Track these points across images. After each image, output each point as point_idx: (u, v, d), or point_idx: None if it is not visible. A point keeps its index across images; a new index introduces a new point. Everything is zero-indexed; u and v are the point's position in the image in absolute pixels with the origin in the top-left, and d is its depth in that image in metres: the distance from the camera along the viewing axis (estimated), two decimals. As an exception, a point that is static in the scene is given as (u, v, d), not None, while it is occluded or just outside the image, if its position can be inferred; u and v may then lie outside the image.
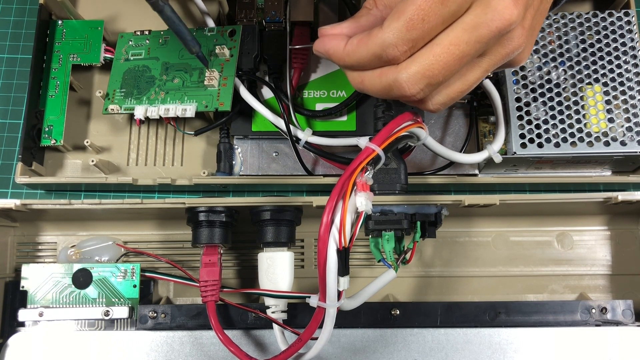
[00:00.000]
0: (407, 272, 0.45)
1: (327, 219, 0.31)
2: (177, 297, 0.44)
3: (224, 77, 0.42)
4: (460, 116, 0.46)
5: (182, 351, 0.38)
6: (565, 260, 0.45)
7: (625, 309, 0.39)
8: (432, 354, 0.38)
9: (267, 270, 0.39)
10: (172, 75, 0.43)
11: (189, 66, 0.43)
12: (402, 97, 0.31)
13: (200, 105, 0.41)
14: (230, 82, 0.42)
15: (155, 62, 0.44)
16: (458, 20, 0.29)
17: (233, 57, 0.43)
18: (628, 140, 0.40)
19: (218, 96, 0.41)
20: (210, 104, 0.41)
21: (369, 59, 0.31)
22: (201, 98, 0.42)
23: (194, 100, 0.42)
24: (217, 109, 0.41)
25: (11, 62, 0.51)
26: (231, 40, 0.43)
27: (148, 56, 0.44)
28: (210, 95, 0.42)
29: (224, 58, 0.43)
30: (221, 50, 0.42)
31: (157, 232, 0.45)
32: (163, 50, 0.44)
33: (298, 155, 0.43)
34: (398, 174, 0.39)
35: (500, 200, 0.39)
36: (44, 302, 0.40)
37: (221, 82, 0.42)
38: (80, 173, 0.46)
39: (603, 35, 0.43)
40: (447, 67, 0.30)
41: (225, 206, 0.39)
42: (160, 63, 0.44)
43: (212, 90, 0.42)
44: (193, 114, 0.41)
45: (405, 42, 0.29)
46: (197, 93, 0.42)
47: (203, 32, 0.44)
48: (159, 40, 0.45)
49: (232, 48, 0.43)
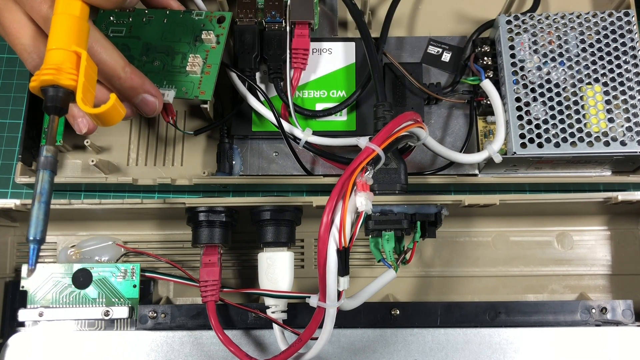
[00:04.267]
0: (407, 272, 0.45)
1: (327, 219, 0.31)
2: (177, 297, 0.44)
3: (208, 65, 0.40)
4: (460, 116, 0.46)
5: (182, 351, 0.38)
6: (565, 260, 0.45)
7: (625, 309, 0.39)
8: (432, 354, 0.38)
9: (267, 270, 0.39)
10: (152, 57, 0.41)
11: (171, 49, 0.41)
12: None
13: (179, 92, 0.39)
14: (214, 71, 0.40)
15: (136, 41, 0.41)
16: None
17: (220, 44, 0.40)
18: (628, 140, 0.40)
19: (200, 84, 0.40)
20: (191, 92, 0.39)
21: None
22: (181, 84, 0.40)
23: (174, 86, 0.40)
24: (197, 97, 0.39)
25: (11, 62, 0.51)
26: (219, 27, 0.41)
27: (129, 34, 0.42)
28: (191, 82, 0.40)
29: (210, 45, 0.41)
30: (207, 36, 0.40)
31: (157, 232, 0.45)
32: (145, 30, 0.41)
33: (294, 153, 0.43)
34: (398, 174, 0.39)
35: (500, 200, 0.39)
36: (44, 302, 0.39)
37: (204, 69, 0.40)
38: (80, 173, 0.46)
39: (603, 35, 0.42)
40: None
41: (225, 206, 0.39)
42: (142, 43, 0.41)
43: (193, 77, 0.40)
44: (171, 100, 0.39)
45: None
46: (178, 78, 0.40)
47: (190, 15, 0.42)
48: (143, 19, 0.42)
49: (220, 35, 0.41)
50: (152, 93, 0.36)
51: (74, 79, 0.28)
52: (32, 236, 0.27)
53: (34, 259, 0.27)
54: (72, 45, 0.29)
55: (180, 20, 0.41)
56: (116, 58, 0.33)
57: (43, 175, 0.28)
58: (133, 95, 0.35)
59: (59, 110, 0.28)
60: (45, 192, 0.27)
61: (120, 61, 0.34)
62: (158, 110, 0.37)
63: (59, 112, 0.28)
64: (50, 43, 0.29)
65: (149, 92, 0.36)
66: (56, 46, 0.28)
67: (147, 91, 0.36)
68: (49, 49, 0.28)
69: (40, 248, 0.27)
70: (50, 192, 0.28)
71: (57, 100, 0.28)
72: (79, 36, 0.29)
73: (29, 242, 0.27)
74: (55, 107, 0.28)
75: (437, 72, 0.47)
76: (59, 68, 0.28)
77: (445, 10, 0.50)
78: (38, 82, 0.28)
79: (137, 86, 0.35)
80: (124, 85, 0.34)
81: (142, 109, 0.36)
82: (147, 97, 0.36)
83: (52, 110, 0.28)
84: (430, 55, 0.47)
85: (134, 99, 0.36)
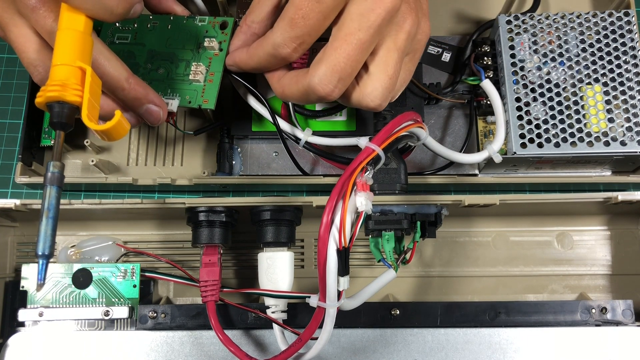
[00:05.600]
0: (407, 272, 0.45)
1: (327, 219, 0.31)
2: (177, 297, 0.45)
3: (211, 73, 0.39)
4: (460, 116, 0.46)
5: (182, 351, 0.38)
6: (565, 260, 0.45)
7: (625, 309, 0.39)
8: (432, 354, 0.38)
9: (267, 270, 0.39)
10: (157, 65, 0.40)
11: (175, 56, 0.40)
12: (321, 99, 0.34)
13: (183, 100, 0.39)
14: (217, 79, 0.39)
15: (141, 48, 0.41)
16: (344, 13, 0.32)
17: (222, 51, 0.40)
18: (628, 140, 0.40)
19: (203, 92, 0.39)
20: (194, 100, 0.39)
21: (266, 59, 0.35)
22: (185, 92, 0.39)
23: (178, 94, 0.39)
24: (201, 106, 0.39)
25: (11, 62, 0.51)
26: (222, 33, 0.40)
27: (134, 41, 0.41)
28: (194, 91, 0.39)
29: (213, 52, 0.40)
30: (210, 44, 0.39)
31: (157, 232, 0.45)
32: (150, 36, 0.41)
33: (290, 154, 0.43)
34: (398, 174, 0.39)
35: (500, 200, 0.39)
36: (44, 302, 0.40)
37: (207, 77, 0.39)
38: (80, 173, 0.46)
39: (603, 35, 0.42)
40: (351, 57, 0.32)
41: (225, 206, 0.39)
42: (146, 50, 0.40)
43: (197, 86, 0.39)
44: (175, 109, 0.39)
45: (292, 39, 0.33)
46: (182, 87, 0.39)
47: (194, 21, 0.41)
48: (147, 25, 0.41)
49: (222, 42, 0.40)
50: (156, 103, 0.36)
51: (79, 94, 0.28)
52: (40, 251, 0.27)
53: (43, 274, 0.28)
54: (77, 61, 0.29)
55: (183, 26, 0.41)
56: (119, 70, 0.34)
57: (50, 191, 0.28)
58: (137, 105, 0.36)
59: (64, 126, 0.28)
60: (53, 207, 0.28)
61: (123, 72, 0.34)
62: (162, 120, 0.37)
63: (65, 128, 0.28)
64: (55, 59, 0.29)
65: (152, 102, 0.36)
66: (61, 62, 0.29)
67: (151, 101, 0.36)
68: (54, 64, 0.29)
69: (48, 262, 0.28)
70: (57, 207, 0.28)
71: (62, 116, 0.28)
72: (83, 51, 0.29)
73: (37, 257, 0.28)
74: (61, 123, 0.28)
75: (437, 72, 0.47)
76: (64, 84, 0.28)
77: (445, 10, 0.50)
78: (44, 99, 0.28)
79: (141, 97, 0.35)
80: (128, 96, 0.35)
81: (147, 118, 0.37)
82: (151, 107, 0.36)
83: (58, 126, 0.28)
84: (430, 55, 0.47)
85: (138, 109, 0.36)
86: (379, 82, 0.34)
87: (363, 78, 0.34)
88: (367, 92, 0.34)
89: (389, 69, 0.34)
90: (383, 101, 0.35)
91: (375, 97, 0.34)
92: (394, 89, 0.35)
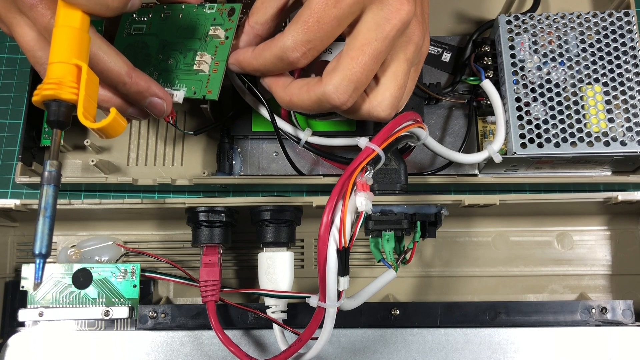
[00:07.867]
0: (407, 272, 0.45)
1: (327, 219, 0.31)
2: (177, 297, 0.45)
3: (216, 62, 0.38)
4: (460, 116, 0.46)
5: (182, 351, 0.38)
6: (565, 260, 0.45)
7: (625, 309, 0.39)
8: (432, 354, 0.38)
9: (267, 270, 0.39)
10: (167, 55, 0.39)
11: (184, 46, 0.39)
12: (334, 108, 0.34)
13: (189, 91, 0.38)
14: (221, 68, 0.38)
15: (154, 38, 0.39)
16: (360, 22, 0.32)
17: (228, 39, 0.38)
18: (628, 140, 0.40)
19: (207, 82, 0.38)
20: (199, 91, 0.38)
21: (272, 62, 0.34)
22: (191, 83, 0.38)
23: (184, 85, 0.38)
24: (205, 96, 0.38)
25: (11, 62, 0.51)
26: (229, 20, 0.39)
27: (148, 32, 0.40)
28: (199, 81, 0.38)
29: (219, 40, 0.38)
30: (214, 32, 0.38)
31: (157, 232, 0.45)
32: (163, 26, 0.40)
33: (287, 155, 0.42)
34: (398, 174, 0.39)
35: (500, 200, 0.39)
36: (44, 302, 0.40)
37: (212, 67, 0.38)
38: (80, 173, 0.46)
39: (603, 35, 0.42)
40: (367, 67, 0.32)
41: (225, 206, 0.39)
42: (158, 40, 0.39)
43: (202, 76, 0.38)
44: (181, 100, 0.38)
45: (304, 43, 0.33)
46: (188, 77, 0.38)
47: (203, 9, 0.39)
48: (161, 15, 0.40)
49: (228, 29, 0.38)
50: (159, 95, 0.36)
51: (75, 92, 0.28)
52: (37, 251, 0.27)
53: (40, 273, 0.27)
54: (73, 58, 0.29)
55: (193, 15, 0.40)
56: (120, 64, 0.33)
57: (47, 190, 0.28)
58: (140, 99, 0.35)
59: (61, 124, 0.28)
60: (50, 206, 0.27)
61: (124, 67, 0.34)
62: (167, 111, 0.37)
63: (62, 126, 0.28)
64: (51, 56, 0.29)
65: (155, 94, 0.36)
66: (57, 59, 0.28)
67: (154, 94, 0.36)
68: (50, 62, 0.28)
69: (45, 262, 0.28)
70: (54, 206, 0.28)
71: (59, 115, 0.28)
72: (79, 48, 0.29)
73: (34, 256, 0.27)
74: (58, 121, 0.28)
75: (437, 72, 0.47)
76: (60, 82, 0.28)
77: (445, 10, 0.50)
78: (40, 97, 0.28)
79: (144, 90, 0.35)
80: (130, 90, 0.34)
81: (151, 111, 0.36)
82: (155, 100, 0.36)
83: (55, 124, 0.28)
84: (430, 55, 0.47)
85: (141, 103, 0.36)
86: (389, 92, 0.34)
87: (372, 89, 0.34)
88: (377, 102, 0.34)
89: (399, 80, 0.34)
90: (393, 111, 0.35)
91: (386, 106, 0.34)
92: (402, 99, 0.35)
